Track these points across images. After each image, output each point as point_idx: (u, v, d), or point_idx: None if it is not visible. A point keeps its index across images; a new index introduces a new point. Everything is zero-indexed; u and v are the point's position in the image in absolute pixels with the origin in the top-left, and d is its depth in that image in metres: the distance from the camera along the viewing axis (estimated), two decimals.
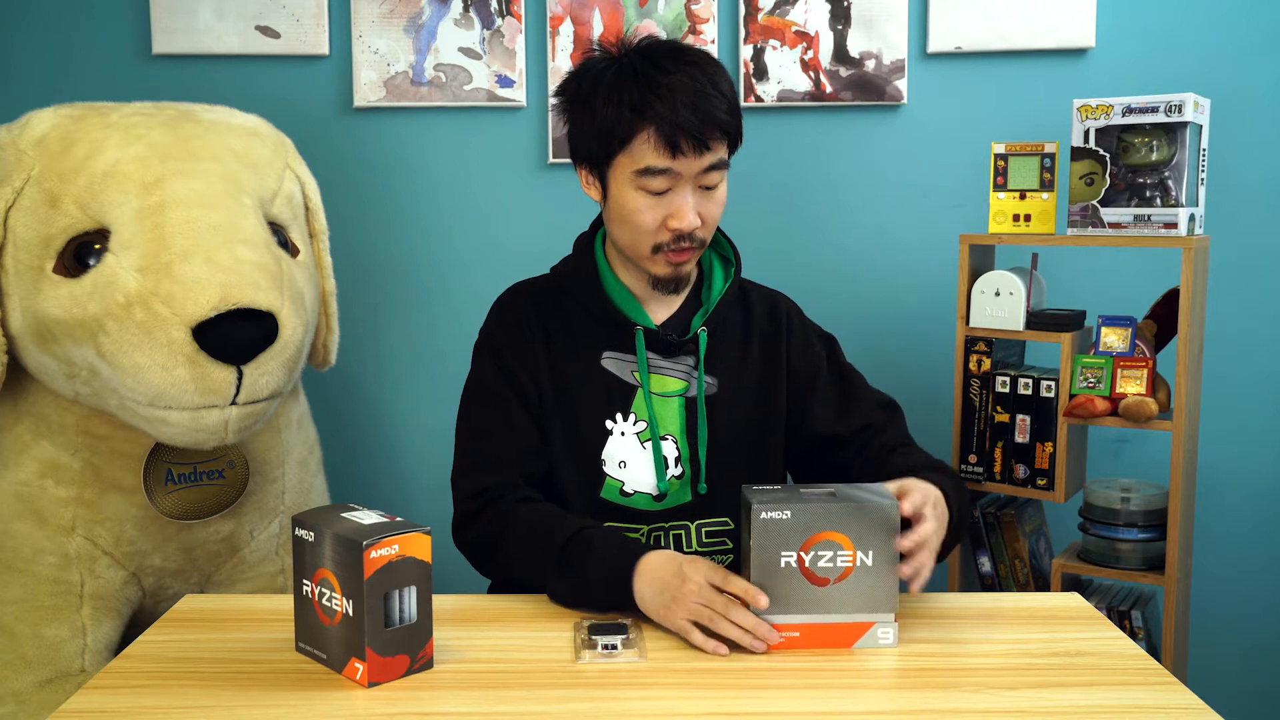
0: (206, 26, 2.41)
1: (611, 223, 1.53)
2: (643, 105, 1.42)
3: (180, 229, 1.69)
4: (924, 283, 2.47)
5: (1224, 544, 2.48)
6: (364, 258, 2.48)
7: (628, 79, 1.44)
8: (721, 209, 1.51)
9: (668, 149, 1.42)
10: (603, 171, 1.49)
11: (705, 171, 1.45)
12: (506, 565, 1.47)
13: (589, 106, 1.47)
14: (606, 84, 1.46)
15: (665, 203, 1.46)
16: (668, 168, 1.43)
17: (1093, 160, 2.07)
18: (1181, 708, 1.14)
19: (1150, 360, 2.08)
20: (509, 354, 1.54)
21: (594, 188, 1.53)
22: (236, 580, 1.99)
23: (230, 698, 1.16)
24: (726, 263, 1.63)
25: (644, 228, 1.47)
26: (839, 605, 1.26)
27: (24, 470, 1.84)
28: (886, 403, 1.64)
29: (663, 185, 1.45)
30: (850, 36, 2.41)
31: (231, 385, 1.67)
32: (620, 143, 1.44)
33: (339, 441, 2.43)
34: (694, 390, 1.55)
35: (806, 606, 1.26)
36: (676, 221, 1.45)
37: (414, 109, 2.46)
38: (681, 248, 1.48)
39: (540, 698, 1.16)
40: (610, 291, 1.55)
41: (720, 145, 1.46)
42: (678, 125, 1.41)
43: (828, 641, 1.27)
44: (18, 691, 1.80)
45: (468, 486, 1.50)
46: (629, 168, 1.45)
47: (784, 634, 1.26)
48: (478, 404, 1.56)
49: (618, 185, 1.48)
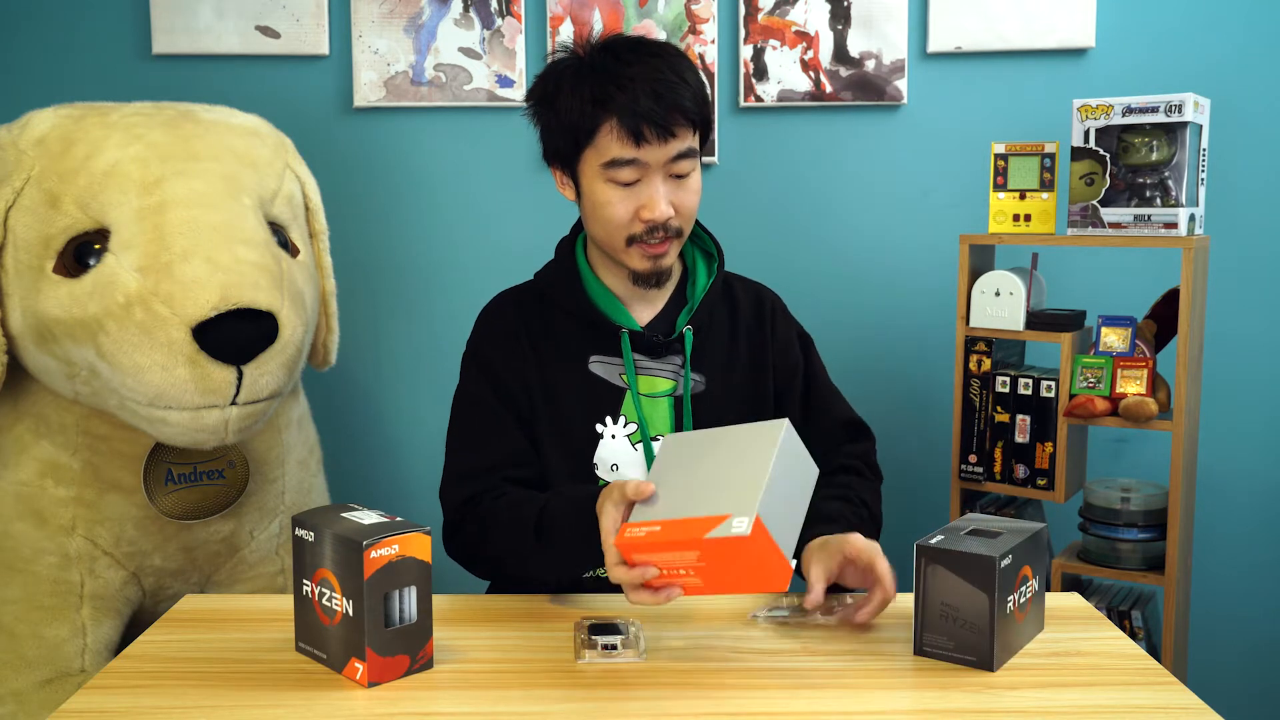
0: (206, 26, 2.41)
1: (587, 220, 1.53)
2: (604, 97, 1.43)
3: (180, 229, 1.69)
4: (924, 283, 2.47)
5: (1224, 544, 2.48)
6: (364, 258, 2.48)
7: (588, 74, 1.46)
8: (697, 198, 1.51)
9: (631, 138, 1.43)
10: (573, 169, 1.51)
11: (674, 160, 1.46)
12: (494, 562, 1.47)
13: (553, 105, 1.49)
14: (568, 81, 1.47)
15: (636, 194, 1.46)
16: (634, 158, 1.44)
17: (1093, 160, 2.07)
18: (1181, 708, 1.14)
19: (1150, 360, 2.08)
20: (496, 364, 1.55)
21: (568, 187, 1.54)
22: (236, 580, 1.99)
23: (230, 698, 1.16)
24: (709, 258, 1.63)
25: (616, 221, 1.47)
26: (700, 504, 1.18)
27: (24, 470, 1.84)
28: (851, 422, 1.64)
29: (631, 176, 1.45)
30: (850, 36, 2.41)
31: (231, 385, 1.67)
32: (585, 136, 1.46)
33: (339, 441, 2.43)
34: (682, 389, 1.55)
35: (672, 509, 1.21)
36: (649, 212, 1.46)
37: (414, 109, 2.46)
38: (657, 239, 1.48)
39: (540, 698, 1.16)
40: (593, 295, 1.56)
41: (686, 133, 1.46)
42: (639, 114, 1.41)
43: (684, 532, 1.17)
44: (18, 691, 1.80)
45: (454, 496, 1.51)
46: (596, 161, 1.46)
47: (645, 529, 1.20)
48: (465, 414, 1.56)
49: (588, 181, 1.49)
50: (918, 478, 2.46)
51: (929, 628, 1.25)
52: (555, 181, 1.56)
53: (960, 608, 1.22)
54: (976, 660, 1.22)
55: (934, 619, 1.25)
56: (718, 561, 1.16)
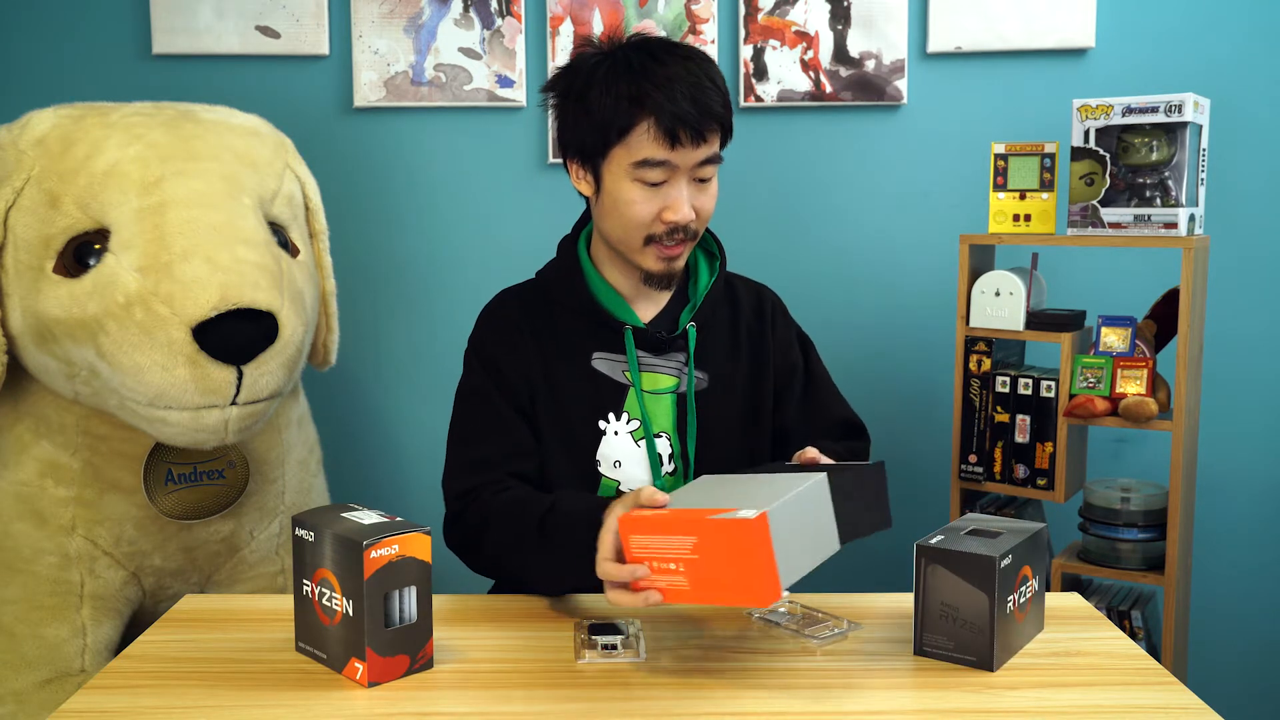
0: (206, 26, 2.41)
1: (604, 217, 1.53)
2: (642, 96, 1.43)
3: (180, 229, 1.69)
4: (924, 283, 2.47)
5: (1224, 544, 2.48)
6: (364, 258, 2.49)
7: (624, 71, 1.45)
8: (714, 203, 1.51)
9: (667, 140, 1.43)
10: (596, 164, 1.50)
11: (701, 164, 1.46)
12: (493, 555, 1.46)
13: (583, 100, 1.47)
14: (602, 77, 1.46)
15: (661, 195, 1.46)
16: (666, 159, 1.44)
17: (1093, 160, 2.07)
18: (1181, 708, 1.14)
19: (1150, 360, 2.08)
20: (499, 361, 1.55)
21: (585, 182, 1.53)
22: (236, 580, 1.99)
23: (230, 698, 1.16)
24: (711, 257, 1.63)
25: (638, 220, 1.47)
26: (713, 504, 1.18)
27: (24, 470, 1.84)
28: (848, 420, 1.65)
29: (660, 177, 1.45)
30: (850, 36, 2.41)
31: (231, 385, 1.67)
32: (618, 134, 1.45)
33: (339, 441, 2.43)
34: (685, 386, 1.56)
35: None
36: (672, 214, 1.46)
37: (414, 109, 2.46)
38: (675, 240, 1.48)
39: (540, 698, 1.16)
40: (596, 292, 1.56)
41: (715, 138, 1.47)
42: (677, 116, 1.41)
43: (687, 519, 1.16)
44: (18, 691, 1.80)
45: (455, 487, 1.51)
46: (626, 160, 1.46)
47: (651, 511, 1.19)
48: (467, 408, 1.56)
49: (613, 178, 1.48)
50: (918, 478, 2.46)
51: (929, 628, 1.25)
52: (570, 175, 1.55)
53: (960, 608, 1.23)
54: (976, 660, 1.22)
55: (934, 619, 1.25)
56: (711, 554, 1.14)
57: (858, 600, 1.43)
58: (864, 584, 1.56)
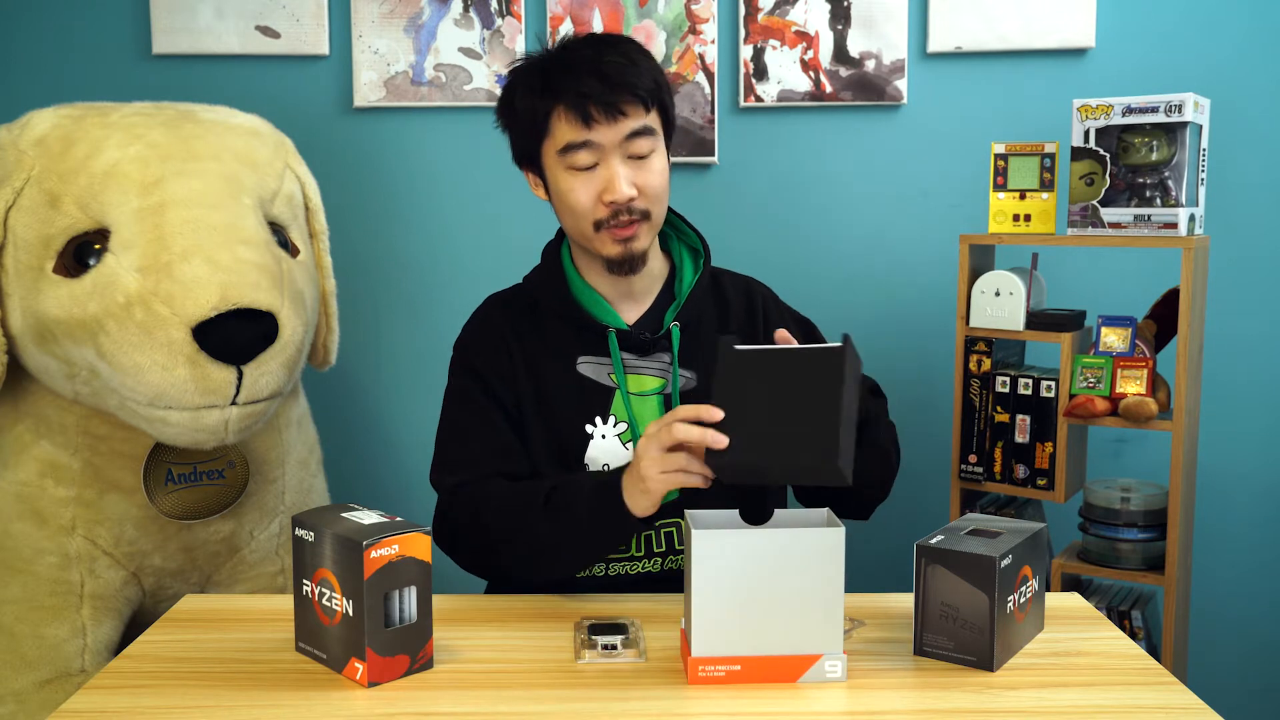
0: (206, 26, 2.41)
1: (560, 216, 1.55)
2: (550, 84, 1.46)
3: (180, 229, 1.69)
4: (924, 283, 2.47)
5: (1224, 544, 2.48)
6: (364, 258, 2.48)
7: (536, 69, 1.49)
8: (662, 179, 1.50)
9: (580, 119, 1.44)
10: (538, 166, 1.53)
11: (628, 139, 1.46)
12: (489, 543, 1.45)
13: (510, 106, 1.52)
14: (521, 80, 1.50)
15: (596, 177, 1.47)
16: (586, 139, 1.45)
17: (1093, 160, 2.07)
18: (1181, 708, 1.14)
19: (1150, 360, 2.08)
20: (485, 368, 1.55)
21: (539, 187, 1.56)
22: (236, 580, 1.99)
23: (230, 698, 1.16)
24: (696, 254, 1.63)
25: (581, 207, 1.48)
26: (783, 639, 1.19)
27: (24, 470, 1.84)
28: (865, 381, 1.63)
29: (588, 160, 1.46)
30: (850, 36, 2.41)
31: (231, 385, 1.67)
32: (540, 127, 1.48)
33: (339, 441, 2.43)
34: (671, 387, 1.55)
35: (749, 640, 1.19)
36: (610, 194, 1.46)
37: (414, 109, 2.46)
38: (622, 221, 1.48)
39: (540, 698, 1.16)
40: (579, 296, 1.56)
41: (638, 111, 1.46)
42: (583, 94, 1.43)
43: (771, 675, 1.19)
44: (18, 691, 1.80)
45: (442, 484, 1.52)
46: (553, 150, 1.48)
47: (724, 667, 1.19)
48: (454, 409, 1.57)
49: (551, 173, 1.50)
50: (918, 478, 2.45)
51: (929, 628, 1.25)
52: (530, 186, 1.58)
53: (960, 608, 1.23)
54: (976, 660, 1.22)
55: (934, 619, 1.25)
56: None
57: (858, 600, 1.44)
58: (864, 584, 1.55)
